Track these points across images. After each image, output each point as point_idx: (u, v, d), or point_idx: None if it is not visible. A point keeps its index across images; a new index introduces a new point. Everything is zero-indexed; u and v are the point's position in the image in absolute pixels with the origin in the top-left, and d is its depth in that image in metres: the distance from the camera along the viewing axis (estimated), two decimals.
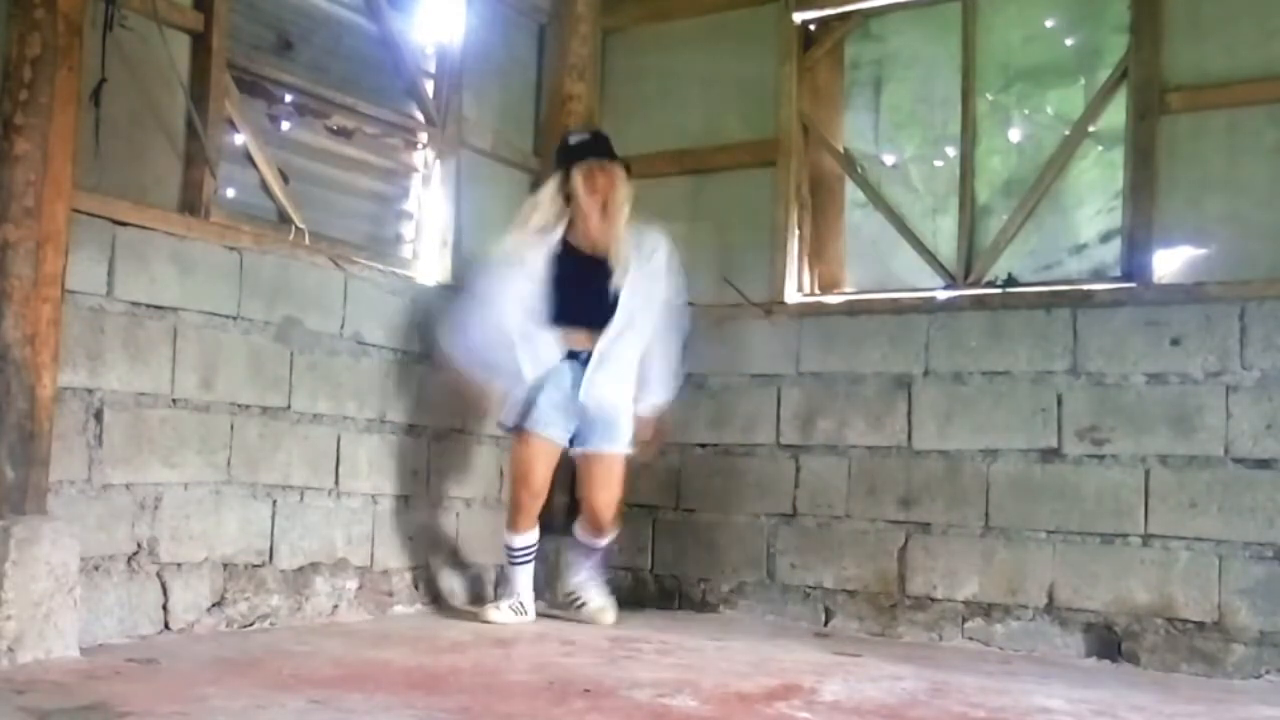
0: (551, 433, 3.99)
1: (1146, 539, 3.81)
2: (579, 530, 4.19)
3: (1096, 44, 4.33)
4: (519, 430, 4.00)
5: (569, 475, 4.80)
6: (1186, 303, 3.83)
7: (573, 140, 4.14)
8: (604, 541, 4.18)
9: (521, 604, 4.06)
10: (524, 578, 4.09)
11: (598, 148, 4.09)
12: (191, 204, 3.54)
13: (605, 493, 4.05)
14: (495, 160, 4.79)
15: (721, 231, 4.73)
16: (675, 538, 4.61)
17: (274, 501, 3.70)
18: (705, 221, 4.74)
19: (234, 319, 3.60)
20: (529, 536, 4.09)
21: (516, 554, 4.08)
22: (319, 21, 4.12)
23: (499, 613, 3.98)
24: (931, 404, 4.20)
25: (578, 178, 4.01)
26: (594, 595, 4.17)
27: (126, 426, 3.28)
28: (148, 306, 3.35)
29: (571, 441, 4.04)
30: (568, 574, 4.30)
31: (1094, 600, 3.87)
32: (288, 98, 3.97)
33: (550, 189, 4.09)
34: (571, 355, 4.00)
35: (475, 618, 3.98)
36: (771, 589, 4.38)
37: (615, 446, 4.03)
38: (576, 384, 3.97)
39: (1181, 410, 3.80)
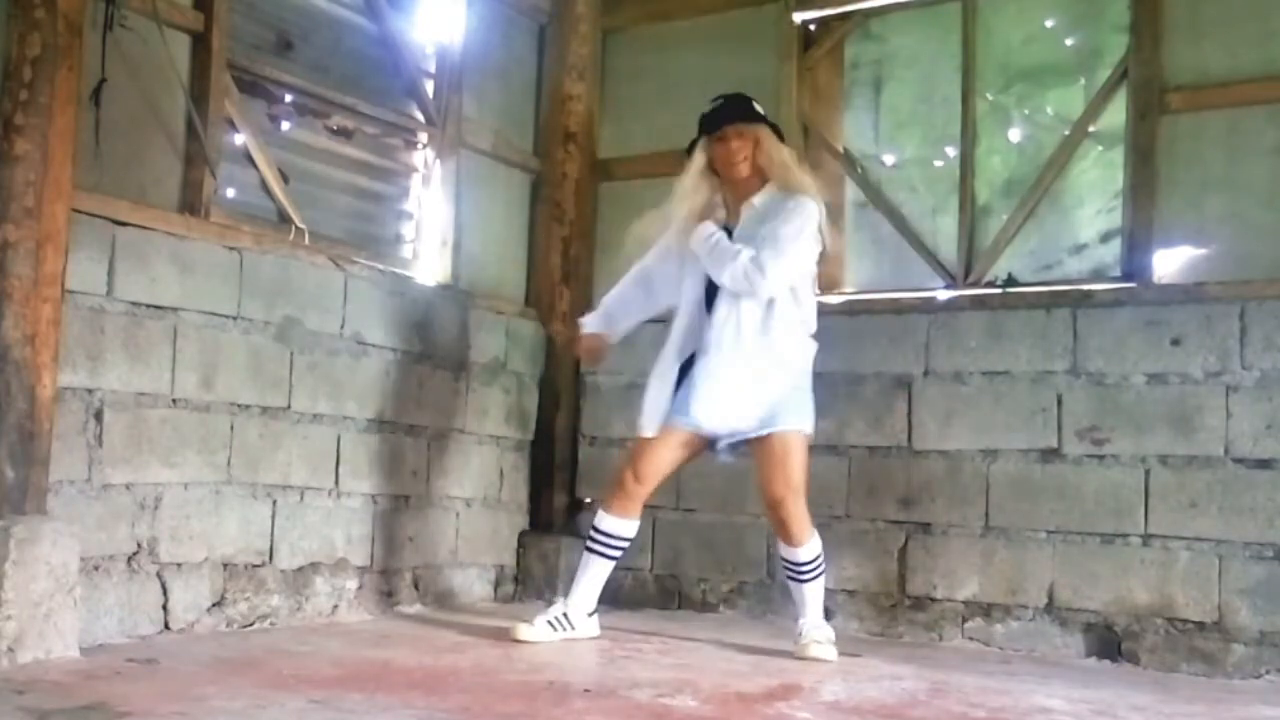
0: (675, 420, 3.51)
1: (1146, 539, 3.81)
2: (780, 546, 3.64)
3: (1096, 44, 4.33)
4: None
5: (569, 474, 4.83)
6: (1186, 303, 3.83)
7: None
8: (799, 555, 3.55)
9: (565, 617, 3.56)
10: (592, 573, 3.59)
11: (724, 113, 3.55)
12: (191, 204, 3.55)
13: (772, 486, 3.48)
14: (495, 160, 4.79)
15: None
16: (675, 538, 4.61)
17: (274, 501, 3.70)
18: None
19: (234, 319, 3.60)
20: (618, 524, 3.57)
21: (596, 539, 3.59)
22: (319, 21, 4.12)
23: (531, 629, 3.50)
24: (931, 404, 4.20)
25: (704, 155, 3.59)
26: (809, 629, 3.57)
27: (126, 426, 3.28)
28: (148, 306, 3.35)
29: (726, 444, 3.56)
30: (795, 610, 3.68)
31: (1094, 600, 3.86)
32: (288, 98, 3.97)
33: (692, 172, 3.61)
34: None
35: (509, 635, 3.52)
36: (771, 589, 4.37)
37: (772, 426, 3.47)
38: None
39: (1181, 410, 3.80)
